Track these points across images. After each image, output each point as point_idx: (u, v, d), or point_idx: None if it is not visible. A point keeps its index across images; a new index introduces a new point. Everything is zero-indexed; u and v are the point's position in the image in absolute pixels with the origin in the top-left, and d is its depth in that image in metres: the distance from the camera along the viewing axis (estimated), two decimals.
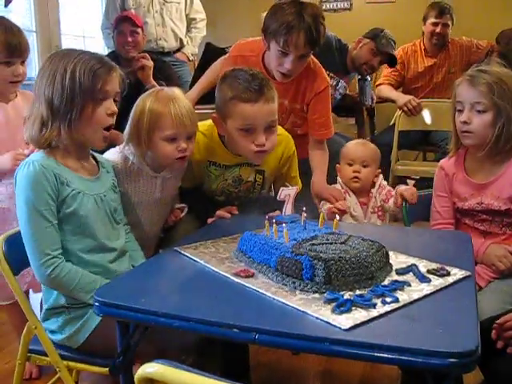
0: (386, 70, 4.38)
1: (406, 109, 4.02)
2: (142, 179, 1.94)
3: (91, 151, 1.78)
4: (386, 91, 4.26)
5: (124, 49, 3.45)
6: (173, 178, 2.01)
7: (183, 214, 2.07)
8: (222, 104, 1.97)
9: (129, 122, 1.87)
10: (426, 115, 4.01)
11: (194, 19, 4.38)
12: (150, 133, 1.83)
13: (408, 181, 4.54)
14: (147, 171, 1.93)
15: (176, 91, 1.91)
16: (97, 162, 1.79)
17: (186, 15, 4.35)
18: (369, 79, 4.22)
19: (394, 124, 4.14)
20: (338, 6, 5.81)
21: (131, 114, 1.87)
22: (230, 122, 1.94)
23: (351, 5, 5.81)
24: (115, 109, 1.68)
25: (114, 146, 1.94)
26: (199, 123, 1.99)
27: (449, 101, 4.04)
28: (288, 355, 2.40)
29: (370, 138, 4.59)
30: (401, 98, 4.11)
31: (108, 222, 1.71)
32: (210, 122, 2.09)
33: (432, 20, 4.22)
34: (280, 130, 2.11)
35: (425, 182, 3.88)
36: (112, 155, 1.92)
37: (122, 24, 3.48)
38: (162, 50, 4.17)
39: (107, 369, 1.51)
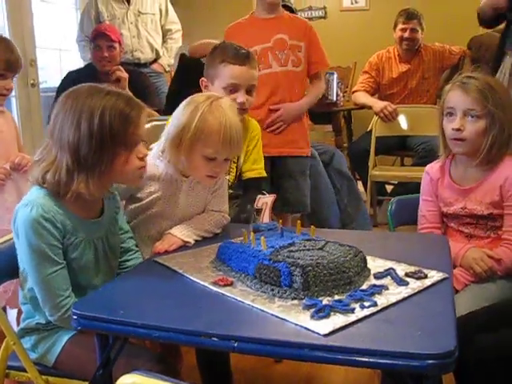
0: (361, 77, 4.43)
1: (382, 115, 4.05)
2: (165, 185, 1.80)
3: None
4: (362, 97, 4.30)
5: (100, 63, 3.46)
6: (200, 185, 1.85)
7: None
8: (212, 67, 2.22)
9: (171, 124, 1.74)
10: (402, 120, 4.05)
11: (170, 30, 4.40)
12: (193, 143, 1.69)
13: (386, 186, 4.60)
14: (173, 175, 1.80)
15: (230, 104, 1.77)
16: None
17: (162, 26, 4.37)
18: (335, 74, 4.27)
19: (371, 130, 4.17)
20: (313, 14, 5.85)
21: (178, 116, 1.73)
22: (218, 82, 2.19)
23: (326, 13, 5.86)
24: (146, 151, 1.57)
25: None
26: None
27: (424, 106, 4.12)
28: (271, 361, 2.40)
29: (347, 145, 4.64)
30: (377, 104, 4.15)
31: (104, 262, 1.64)
32: None
33: (400, 26, 4.30)
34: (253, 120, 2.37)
35: (404, 187, 3.94)
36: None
37: (98, 39, 3.49)
38: (137, 61, 4.19)
39: (87, 383, 1.49)
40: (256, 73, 2.23)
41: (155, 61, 4.33)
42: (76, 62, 4.57)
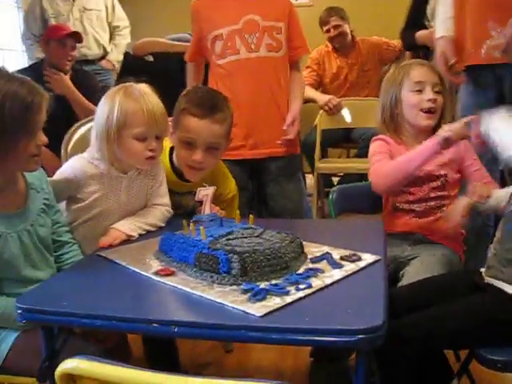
0: (304, 72, 4.48)
1: (326, 108, 4.13)
2: (106, 183, 1.83)
3: None
4: (307, 91, 4.34)
5: (61, 61, 3.44)
6: (140, 180, 1.89)
7: None
8: (176, 112, 2.02)
9: (95, 122, 1.79)
10: (346, 113, 4.13)
11: (118, 26, 4.37)
12: (119, 130, 1.74)
13: (333, 178, 4.68)
14: (112, 172, 1.83)
15: (145, 88, 1.81)
16: (25, 181, 1.64)
17: (109, 23, 4.33)
18: None
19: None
20: None
21: (98, 113, 1.78)
22: (178, 132, 1.99)
23: None
24: (45, 139, 1.55)
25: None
26: None
27: (367, 99, 4.18)
28: (222, 352, 2.45)
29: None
30: (322, 97, 4.22)
31: (37, 254, 1.62)
32: None
33: (324, 28, 4.37)
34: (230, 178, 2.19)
35: (347, 178, 4.02)
36: (76, 161, 1.85)
37: (67, 38, 3.46)
38: (84, 57, 4.12)
39: (34, 378, 1.50)
40: (222, 128, 1.97)
41: (103, 57, 4.30)
42: (21, 61, 4.51)
